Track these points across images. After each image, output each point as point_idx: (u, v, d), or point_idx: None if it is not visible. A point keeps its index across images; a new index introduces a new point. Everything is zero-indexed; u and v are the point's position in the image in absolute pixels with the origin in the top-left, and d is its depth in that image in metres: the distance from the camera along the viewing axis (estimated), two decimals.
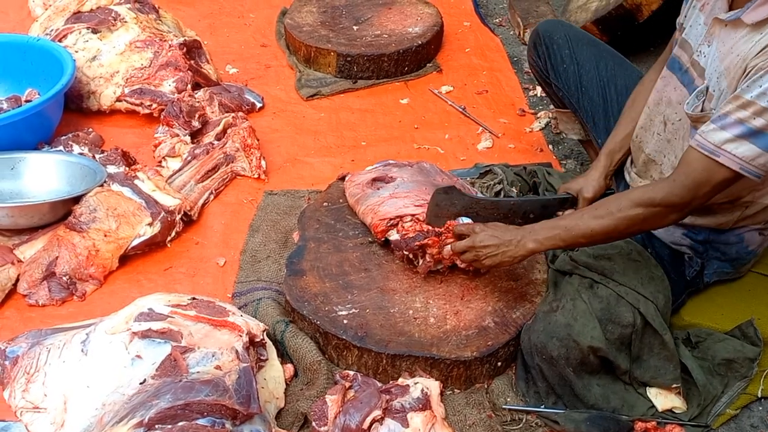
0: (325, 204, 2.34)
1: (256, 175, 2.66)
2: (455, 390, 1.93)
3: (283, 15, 3.58)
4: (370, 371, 1.92)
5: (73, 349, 1.81)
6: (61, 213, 2.31)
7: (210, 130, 2.75)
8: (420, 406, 1.78)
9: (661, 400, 1.87)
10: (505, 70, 3.34)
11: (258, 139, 2.71)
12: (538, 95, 3.18)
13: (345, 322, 1.94)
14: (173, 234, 2.35)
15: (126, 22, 2.98)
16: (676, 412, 1.87)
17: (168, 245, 2.35)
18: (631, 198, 1.77)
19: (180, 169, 2.56)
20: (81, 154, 2.58)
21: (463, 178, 2.46)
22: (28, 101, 2.71)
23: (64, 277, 2.18)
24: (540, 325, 1.85)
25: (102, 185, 2.35)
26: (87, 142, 2.66)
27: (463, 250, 1.89)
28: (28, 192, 2.47)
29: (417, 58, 3.25)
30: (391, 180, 2.24)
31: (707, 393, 1.88)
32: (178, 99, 2.76)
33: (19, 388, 1.80)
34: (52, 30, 2.99)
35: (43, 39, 2.88)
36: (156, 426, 1.56)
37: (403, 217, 2.07)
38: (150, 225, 2.28)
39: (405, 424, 1.75)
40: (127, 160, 2.59)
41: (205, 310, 1.85)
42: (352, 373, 1.89)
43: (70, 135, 2.68)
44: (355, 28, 3.34)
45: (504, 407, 1.87)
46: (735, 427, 1.89)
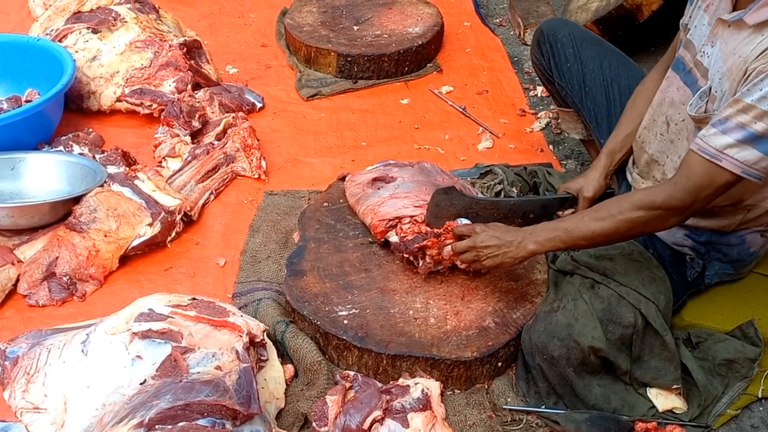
0: (325, 204, 2.34)
1: (256, 176, 2.66)
2: (456, 390, 1.93)
3: (283, 15, 3.58)
4: (370, 371, 1.91)
5: (73, 350, 1.81)
6: (62, 213, 2.31)
7: (210, 130, 2.75)
8: (420, 406, 1.78)
9: (662, 401, 1.87)
10: (506, 70, 3.34)
11: (258, 140, 2.71)
12: (539, 95, 3.17)
13: (345, 322, 1.94)
14: (173, 234, 2.35)
15: (126, 22, 2.98)
16: (677, 412, 1.87)
17: (168, 245, 2.35)
18: (631, 200, 1.77)
19: (180, 170, 2.56)
20: (81, 154, 2.58)
21: (463, 178, 2.46)
22: (28, 101, 2.71)
23: (65, 278, 2.18)
24: (541, 325, 1.85)
25: (102, 185, 2.35)
26: (87, 142, 2.66)
27: (464, 251, 1.89)
28: (28, 192, 2.46)
29: (417, 58, 3.25)
30: (391, 180, 2.24)
31: (708, 393, 1.88)
32: (178, 99, 2.76)
33: (20, 388, 1.80)
34: (53, 30, 2.98)
35: (43, 39, 2.88)
36: (156, 426, 1.56)
37: (402, 218, 2.07)
38: (150, 225, 2.28)
39: (405, 424, 1.75)
40: (128, 161, 2.58)
41: (206, 310, 1.85)
42: (352, 373, 1.89)
43: (71, 135, 2.68)
44: (355, 28, 3.34)
45: (504, 407, 1.87)
46: (735, 428, 1.88)
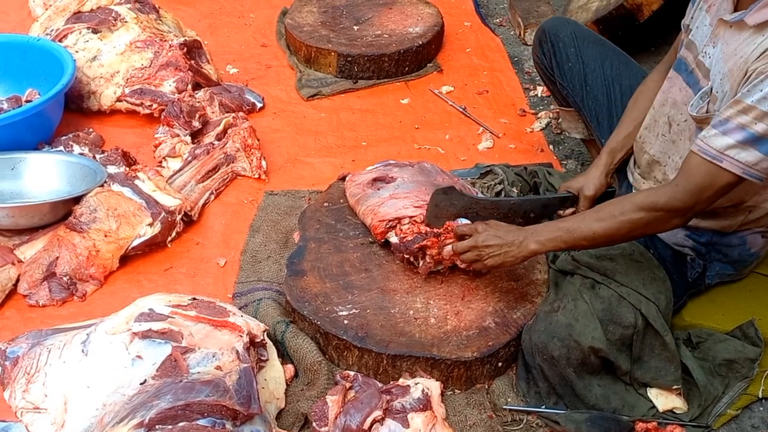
0: (325, 204, 2.34)
1: (256, 176, 2.66)
2: (456, 390, 1.93)
3: (283, 15, 3.58)
4: (370, 372, 1.91)
5: (73, 350, 1.81)
6: (62, 213, 2.31)
7: (210, 130, 2.75)
8: (421, 406, 1.78)
9: (662, 401, 1.87)
10: (506, 70, 3.34)
11: (258, 140, 2.71)
12: (539, 95, 3.17)
13: (345, 322, 1.93)
14: (173, 234, 2.35)
15: (126, 22, 2.98)
16: (677, 412, 1.87)
17: (168, 245, 2.35)
18: (633, 201, 1.77)
19: (180, 170, 2.56)
20: (81, 154, 2.58)
21: (463, 178, 2.46)
22: (28, 101, 2.71)
23: (65, 278, 2.18)
24: (541, 325, 1.85)
25: (102, 185, 2.35)
26: (87, 142, 2.66)
27: (466, 250, 1.88)
28: (28, 192, 2.46)
29: (417, 58, 3.25)
30: (391, 180, 2.24)
31: (708, 393, 1.88)
32: (178, 99, 2.76)
33: (20, 388, 1.80)
34: (53, 30, 2.98)
35: (43, 39, 2.88)
36: (156, 426, 1.56)
37: (401, 219, 2.07)
38: (150, 225, 2.28)
39: (405, 424, 1.75)
40: (128, 161, 2.58)
41: (206, 310, 1.85)
42: (352, 373, 1.89)
43: (71, 135, 2.68)
44: (355, 28, 3.34)
45: (505, 407, 1.87)
46: (736, 428, 1.88)
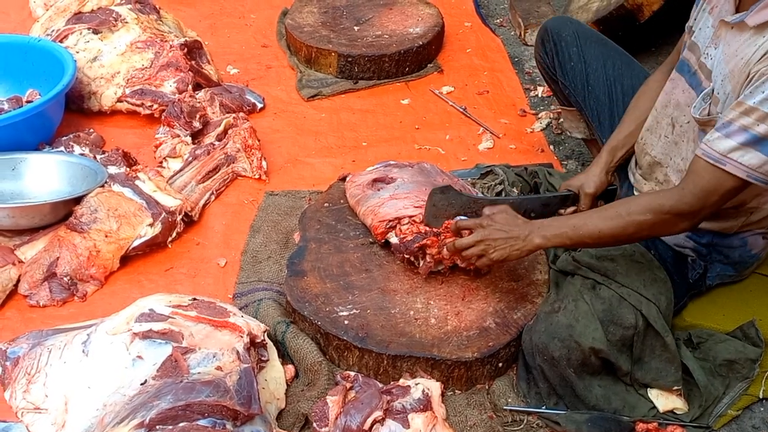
0: (326, 205, 2.34)
1: (257, 176, 2.66)
2: (456, 391, 1.93)
3: (284, 15, 3.58)
4: (371, 372, 1.91)
5: (74, 350, 1.81)
6: (62, 214, 2.31)
7: (211, 130, 2.75)
8: (421, 407, 1.78)
9: (663, 401, 1.87)
10: (506, 71, 3.34)
11: (259, 140, 2.71)
12: (539, 96, 3.17)
13: (346, 322, 1.94)
14: (174, 235, 2.35)
15: (127, 23, 2.98)
16: (678, 413, 1.87)
17: (169, 246, 2.35)
18: (640, 203, 1.77)
19: (181, 170, 2.56)
20: (82, 154, 2.58)
21: (464, 178, 2.46)
22: (29, 102, 2.71)
23: (65, 278, 2.18)
24: (541, 325, 1.85)
25: (103, 186, 2.35)
26: (88, 142, 2.66)
27: (471, 245, 1.85)
28: (29, 193, 2.47)
29: (418, 59, 3.25)
30: (391, 180, 2.24)
31: (708, 394, 1.88)
32: (179, 99, 2.76)
33: (20, 388, 1.80)
34: (53, 30, 2.99)
35: (44, 39, 2.88)
36: (157, 427, 1.56)
37: (401, 219, 2.07)
38: (151, 225, 2.28)
39: (406, 425, 1.74)
40: (128, 161, 2.59)
41: (206, 310, 1.85)
42: (353, 373, 1.89)
43: (71, 135, 2.68)
44: (356, 28, 3.34)
45: (505, 408, 1.87)
46: (736, 428, 1.88)
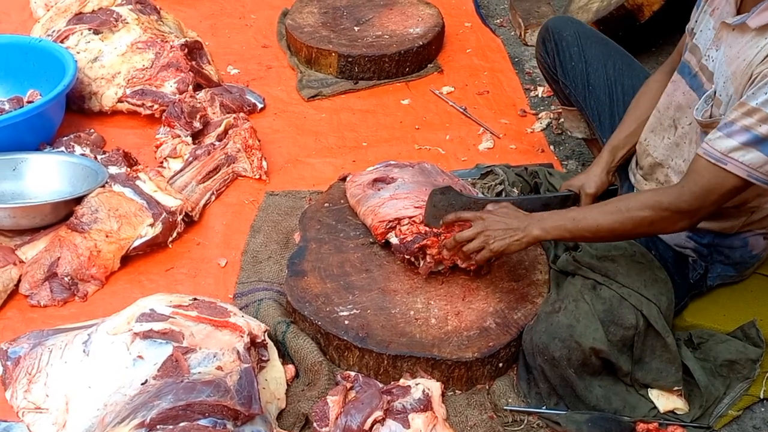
0: (326, 205, 2.34)
1: (257, 176, 2.66)
2: (456, 391, 1.93)
3: (284, 16, 3.58)
4: (371, 372, 1.91)
5: (74, 350, 1.81)
6: (63, 214, 2.31)
7: (211, 130, 2.75)
8: (421, 407, 1.78)
9: (663, 402, 1.87)
10: (506, 71, 3.34)
11: (259, 140, 2.71)
12: (540, 96, 3.17)
13: (346, 322, 1.94)
14: (174, 235, 2.35)
15: (127, 23, 2.98)
16: (678, 413, 1.86)
17: (169, 246, 2.35)
18: (640, 199, 1.78)
19: (181, 170, 2.56)
20: (83, 154, 2.58)
21: (464, 178, 2.46)
22: (29, 102, 2.71)
23: (66, 278, 2.18)
24: (542, 325, 1.85)
25: (103, 186, 2.35)
26: (88, 142, 2.66)
27: (471, 238, 1.85)
28: (29, 193, 2.47)
29: (418, 59, 3.25)
30: (392, 181, 2.24)
31: (709, 394, 1.88)
32: (179, 100, 2.76)
33: (21, 388, 1.80)
34: (54, 31, 2.99)
35: (44, 40, 2.88)
36: (157, 426, 1.56)
37: (401, 219, 2.07)
38: (151, 226, 2.28)
39: (406, 425, 1.75)
40: (129, 161, 2.59)
41: (207, 310, 1.85)
42: (353, 373, 1.89)
43: (72, 136, 2.68)
44: (356, 28, 3.34)
45: (505, 408, 1.87)
46: (737, 429, 1.88)
